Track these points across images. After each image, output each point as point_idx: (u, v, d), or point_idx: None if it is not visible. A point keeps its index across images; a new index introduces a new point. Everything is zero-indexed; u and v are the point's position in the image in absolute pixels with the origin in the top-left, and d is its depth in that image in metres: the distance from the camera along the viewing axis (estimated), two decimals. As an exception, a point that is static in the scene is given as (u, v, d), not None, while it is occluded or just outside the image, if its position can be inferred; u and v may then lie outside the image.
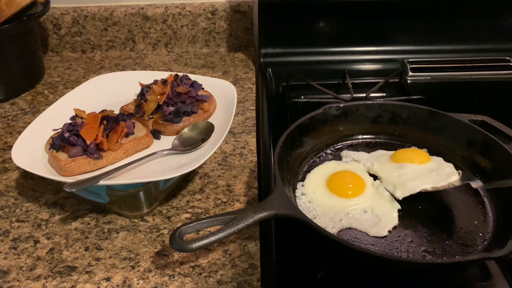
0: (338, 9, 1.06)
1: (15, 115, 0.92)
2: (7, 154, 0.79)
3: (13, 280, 0.57)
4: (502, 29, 1.09)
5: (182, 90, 0.75)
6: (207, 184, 0.72)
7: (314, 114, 0.72)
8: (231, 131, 0.84)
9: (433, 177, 0.65)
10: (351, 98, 0.89)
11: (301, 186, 0.67)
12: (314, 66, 1.07)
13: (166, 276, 0.57)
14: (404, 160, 0.68)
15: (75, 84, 0.99)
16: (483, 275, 0.56)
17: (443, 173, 0.65)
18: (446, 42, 1.09)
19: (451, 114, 0.72)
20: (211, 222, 0.54)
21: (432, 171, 0.66)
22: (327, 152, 0.74)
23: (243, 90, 0.99)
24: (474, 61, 1.03)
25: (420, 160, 0.68)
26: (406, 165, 0.67)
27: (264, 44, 1.07)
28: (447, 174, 0.65)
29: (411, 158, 0.69)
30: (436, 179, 0.64)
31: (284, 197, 0.56)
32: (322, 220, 0.61)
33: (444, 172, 0.66)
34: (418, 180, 0.64)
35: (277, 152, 0.63)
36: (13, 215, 0.67)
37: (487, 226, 0.60)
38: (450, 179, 0.64)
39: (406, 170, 0.66)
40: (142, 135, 0.70)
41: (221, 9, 1.13)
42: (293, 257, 0.59)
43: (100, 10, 1.13)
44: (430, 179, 0.64)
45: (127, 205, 0.66)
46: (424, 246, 0.58)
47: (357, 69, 1.06)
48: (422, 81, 1.01)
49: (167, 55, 1.17)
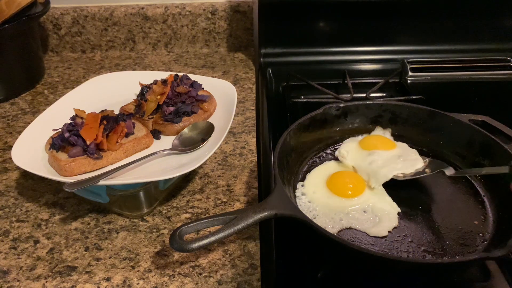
0: (338, 9, 1.06)
1: (15, 115, 0.92)
2: (7, 154, 0.79)
3: (13, 280, 0.57)
4: (502, 29, 1.09)
5: (182, 90, 0.75)
6: (207, 184, 0.72)
7: (314, 114, 0.72)
8: (231, 131, 0.84)
9: (400, 163, 0.67)
10: (351, 98, 0.89)
11: (301, 186, 0.67)
12: (314, 66, 1.07)
13: (166, 276, 0.57)
14: (371, 147, 0.70)
15: (75, 84, 0.99)
16: (483, 275, 0.56)
17: (409, 159, 0.67)
18: (446, 42, 1.09)
19: (451, 114, 0.72)
20: (211, 222, 0.54)
21: (399, 157, 0.68)
22: (327, 152, 0.74)
23: (243, 90, 0.99)
24: (474, 61, 1.03)
25: (385, 146, 0.70)
26: (374, 152, 0.69)
27: (264, 44, 1.07)
28: (413, 161, 0.67)
29: (377, 145, 0.71)
30: (404, 165, 0.66)
31: (284, 197, 0.56)
32: (322, 220, 0.61)
33: (410, 159, 0.68)
34: (387, 167, 0.66)
35: (277, 152, 0.63)
36: (13, 215, 0.67)
37: (487, 226, 0.60)
38: (416, 166, 0.66)
39: (375, 157, 0.68)
40: (142, 135, 0.70)
41: (221, 9, 1.13)
42: (293, 257, 0.59)
43: (100, 10, 1.13)
44: (398, 165, 0.66)
45: (127, 205, 0.66)
46: (424, 246, 0.58)
47: (357, 69, 1.06)
48: (422, 81, 1.01)
49: (167, 55, 1.17)
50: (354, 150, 0.71)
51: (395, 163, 0.67)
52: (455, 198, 0.65)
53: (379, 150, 0.69)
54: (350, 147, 0.72)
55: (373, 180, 0.65)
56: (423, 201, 0.64)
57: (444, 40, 1.08)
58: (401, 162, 0.67)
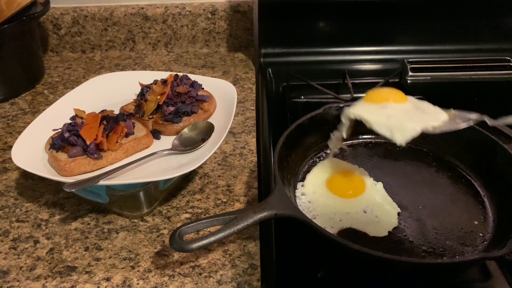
0: (338, 9, 1.06)
1: (15, 115, 0.92)
2: (7, 154, 0.79)
3: (13, 280, 0.57)
4: (502, 29, 1.09)
5: (182, 90, 0.75)
6: (207, 184, 0.72)
7: (314, 114, 0.72)
8: (231, 131, 0.84)
9: (422, 115, 0.58)
10: (351, 98, 0.89)
11: (301, 186, 0.67)
12: (314, 66, 1.07)
13: (166, 276, 0.57)
14: (381, 100, 0.62)
15: (75, 84, 0.99)
16: (483, 275, 0.56)
17: (429, 112, 0.60)
18: (446, 42, 1.09)
19: (451, 114, 0.72)
20: (211, 222, 0.54)
21: (417, 109, 0.60)
22: (327, 152, 0.74)
23: (243, 90, 0.99)
24: (474, 61, 1.03)
25: (397, 98, 0.62)
26: (387, 105, 0.61)
27: (264, 44, 1.07)
28: (435, 113, 0.59)
29: (387, 98, 0.62)
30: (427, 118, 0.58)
31: (284, 197, 0.56)
32: (322, 220, 0.61)
33: (430, 111, 0.60)
34: (412, 120, 0.58)
35: (277, 152, 0.63)
36: (13, 215, 0.67)
37: (487, 226, 0.60)
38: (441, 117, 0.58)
39: (390, 110, 0.60)
40: (142, 135, 0.70)
41: (221, 9, 1.13)
42: (293, 257, 0.59)
43: (100, 10, 1.13)
44: (422, 117, 0.58)
45: (127, 205, 0.66)
46: (424, 246, 0.58)
47: (357, 69, 1.06)
48: (422, 81, 1.01)
49: (167, 55, 1.17)
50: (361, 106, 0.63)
51: (418, 115, 0.58)
52: (455, 198, 0.65)
53: (392, 103, 0.60)
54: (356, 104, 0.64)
55: (399, 134, 0.56)
56: (423, 201, 0.64)
57: (444, 40, 1.08)
58: (422, 114, 0.58)
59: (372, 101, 0.62)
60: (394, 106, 0.60)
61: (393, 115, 0.59)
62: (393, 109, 0.60)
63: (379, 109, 0.61)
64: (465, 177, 0.68)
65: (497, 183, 0.64)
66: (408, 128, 0.57)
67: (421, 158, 0.73)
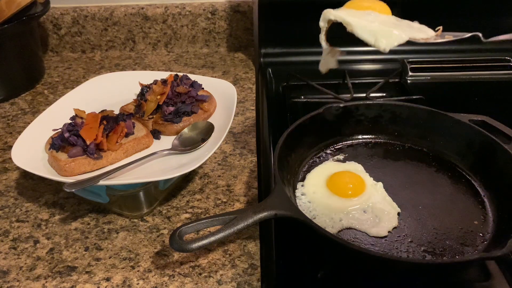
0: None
1: (15, 115, 0.92)
2: (7, 154, 0.79)
3: (13, 280, 0.57)
4: (502, 29, 1.08)
5: (182, 90, 0.75)
6: (207, 184, 0.72)
7: (314, 114, 0.72)
8: (231, 131, 0.84)
9: (410, 28, 0.55)
10: (351, 98, 0.89)
11: (301, 186, 0.67)
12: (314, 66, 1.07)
13: (166, 276, 0.57)
14: (364, 7, 0.58)
15: (75, 84, 0.99)
16: (483, 275, 0.56)
17: (416, 26, 0.56)
18: (446, 42, 1.08)
19: (451, 114, 0.72)
20: (211, 222, 0.54)
21: (402, 21, 0.57)
22: (327, 152, 0.74)
23: (243, 90, 0.99)
24: (474, 61, 1.03)
25: (382, 9, 0.58)
26: (371, 12, 0.57)
27: (264, 44, 1.07)
28: (421, 28, 0.56)
29: (372, 6, 0.58)
30: (413, 30, 0.54)
31: (284, 197, 0.56)
32: (322, 220, 0.61)
33: (415, 26, 0.56)
34: (399, 28, 0.54)
35: (277, 152, 0.63)
36: (13, 215, 0.67)
37: (487, 226, 0.60)
38: (428, 32, 0.55)
39: (374, 17, 0.57)
40: (142, 135, 0.70)
41: (221, 9, 1.13)
42: (293, 257, 0.59)
43: (100, 10, 1.13)
44: (410, 29, 0.54)
45: (127, 205, 0.66)
46: (424, 246, 0.58)
47: (357, 69, 1.06)
48: (422, 81, 1.01)
49: (167, 55, 1.17)
50: (342, 10, 0.59)
51: (403, 26, 0.54)
52: (455, 198, 0.65)
53: (376, 13, 0.57)
54: (337, 9, 0.59)
55: (383, 40, 0.53)
56: (423, 201, 0.64)
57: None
58: (408, 26, 0.55)
59: (355, 8, 0.58)
60: (378, 15, 0.57)
61: (378, 21, 0.56)
62: (377, 17, 0.57)
63: (363, 15, 0.57)
64: (465, 177, 0.68)
65: (497, 183, 0.64)
66: (394, 35, 0.53)
67: (421, 158, 0.73)
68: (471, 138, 0.69)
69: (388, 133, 0.76)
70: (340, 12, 0.58)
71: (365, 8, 0.58)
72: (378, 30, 0.54)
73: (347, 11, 0.59)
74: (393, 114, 0.76)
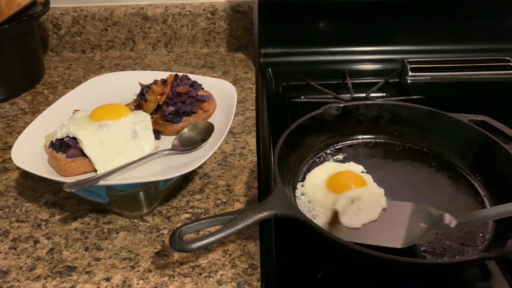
0: (338, 9, 1.06)
1: (15, 115, 0.92)
2: (7, 154, 0.79)
3: (13, 280, 0.57)
4: (502, 29, 1.09)
5: (182, 90, 0.75)
6: (207, 184, 0.72)
7: (314, 114, 0.72)
8: (231, 131, 0.84)
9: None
10: (351, 98, 0.89)
11: (301, 186, 0.67)
12: (314, 66, 1.07)
13: (166, 276, 0.57)
14: (102, 117, 0.64)
15: (75, 84, 0.99)
16: (483, 275, 0.56)
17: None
18: (446, 42, 1.09)
19: (451, 114, 0.72)
20: (211, 222, 0.54)
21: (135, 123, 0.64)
22: (327, 152, 0.74)
23: (243, 90, 0.99)
24: (474, 61, 1.03)
25: (114, 114, 0.64)
26: (105, 123, 0.63)
27: (264, 44, 1.07)
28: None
29: (109, 114, 0.65)
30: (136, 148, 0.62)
31: (284, 197, 0.56)
32: (322, 220, 0.61)
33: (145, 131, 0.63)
34: (123, 154, 0.62)
35: (277, 152, 0.63)
36: (13, 215, 0.67)
37: (487, 226, 0.60)
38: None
39: (107, 131, 0.63)
40: (142, 135, 0.70)
41: (221, 9, 1.13)
42: (293, 257, 0.59)
43: (100, 10, 1.13)
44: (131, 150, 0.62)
45: (127, 205, 0.66)
46: (424, 246, 0.58)
47: (357, 69, 1.06)
48: (422, 81, 1.01)
49: (167, 55, 1.17)
50: (82, 123, 0.64)
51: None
52: (455, 198, 0.65)
53: (110, 120, 0.63)
54: (77, 121, 0.64)
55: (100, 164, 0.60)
56: (423, 201, 0.64)
57: (444, 40, 1.08)
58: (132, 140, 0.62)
59: (94, 119, 0.64)
60: (112, 125, 0.64)
61: (105, 138, 0.62)
62: (110, 130, 0.63)
63: (96, 128, 0.63)
64: (465, 177, 0.68)
65: (497, 183, 0.64)
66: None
67: (421, 158, 0.73)
68: (471, 138, 0.69)
69: (388, 133, 0.76)
70: (71, 128, 0.64)
71: (104, 117, 0.64)
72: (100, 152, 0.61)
73: (87, 125, 0.64)
74: (393, 114, 0.76)
